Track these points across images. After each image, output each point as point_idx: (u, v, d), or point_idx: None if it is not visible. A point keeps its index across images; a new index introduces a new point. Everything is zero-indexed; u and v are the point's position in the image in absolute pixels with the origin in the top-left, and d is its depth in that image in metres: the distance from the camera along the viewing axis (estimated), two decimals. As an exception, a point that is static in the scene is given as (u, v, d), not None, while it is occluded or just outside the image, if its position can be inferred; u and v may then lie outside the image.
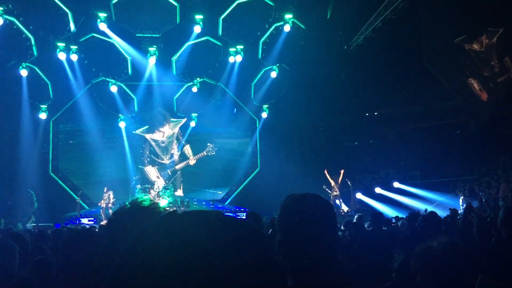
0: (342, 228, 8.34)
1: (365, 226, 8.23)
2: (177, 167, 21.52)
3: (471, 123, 20.85)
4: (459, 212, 11.89)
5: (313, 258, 1.67)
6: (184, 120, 21.76)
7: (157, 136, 21.66)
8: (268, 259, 0.70)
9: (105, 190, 17.87)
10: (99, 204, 17.88)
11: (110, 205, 17.24)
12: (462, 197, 17.17)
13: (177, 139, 21.96)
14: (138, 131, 21.32)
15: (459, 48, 19.14)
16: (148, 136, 21.60)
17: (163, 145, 21.74)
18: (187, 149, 21.92)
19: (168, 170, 21.29)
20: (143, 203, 1.66)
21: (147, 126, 21.47)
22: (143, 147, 21.59)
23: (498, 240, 5.29)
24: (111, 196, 17.56)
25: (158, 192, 17.68)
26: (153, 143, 21.70)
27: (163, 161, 21.67)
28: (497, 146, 18.98)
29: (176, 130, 21.95)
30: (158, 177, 20.32)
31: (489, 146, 19.23)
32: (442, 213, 9.63)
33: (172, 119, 21.78)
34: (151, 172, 21.16)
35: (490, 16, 17.78)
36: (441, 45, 19.95)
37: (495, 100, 18.73)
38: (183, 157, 21.82)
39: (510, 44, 17.81)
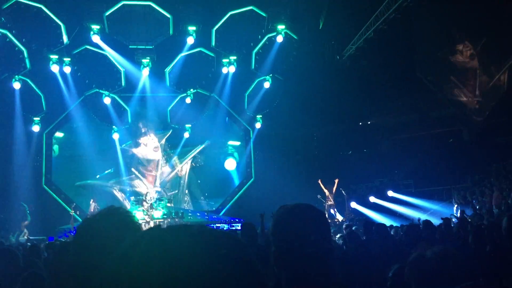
0: (337, 237, 8.34)
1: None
2: (167, 178, 21.62)
3: (464, 131, 20.96)
4: (453, 220, 11.91)
5: (308, 268, 1.68)
6: (169, 132, 21.91)
7: (142, 149, 21.82)
8: (250, 270, 0.71)
9: (91, 202, 17.75)
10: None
11: None
12: (456, 205, 17.22)
13: (165, 150, 22.10)
14: (123, 146, 21.45)
15: (445, 59, 19.33)
16: (134, 150, 21.76)
17: (149, 157, 21.87)
18: (175, 161, 22.08)
19: (157, 181, 21.45)
20: (116, 210, 1.64)
21: (130, 141, 21.65)
22: (130, 161, 21.74)
23: (494, 247, 5.31)
24: (96, 208, 17.43)
25: (152, 203, 17.58)
26: (140, 156, 21.83)
27: (151, 173, 21.75)
28: (490, 154, 19.08)
29: (163, 142, 22.10)
30: (147, 190, 20.33)
31: (482, 154, 19.33)
32: (436, 222, 9.66)
33: (157, 132, 21.93)
34: (140, 185, 21.26)
35: (479, 26, 17.97)
36: (433, 54, 20.13)
37: (485, 109, 18.86)
38: (172, 168, 22.06)
39: (494, 52, 17.99)
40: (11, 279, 3.73)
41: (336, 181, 18.66)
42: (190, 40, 19.12)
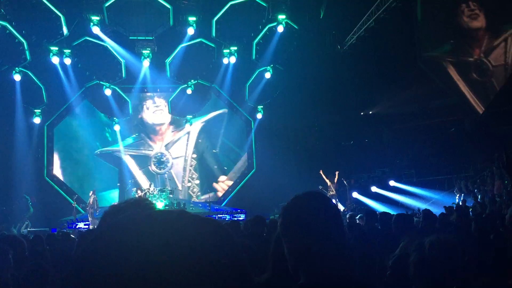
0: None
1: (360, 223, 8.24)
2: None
3: (466, 120, 20.91)
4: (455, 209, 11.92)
5: (323, 255, 1.64)
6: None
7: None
8: (233, 254, 0.69)
9: (90, 194, 17.79)
10: (87, 209, 17.77)
11: (91, 210, 17.08)
12: (458, 195, 17.23)
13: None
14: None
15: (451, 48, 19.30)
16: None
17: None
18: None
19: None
20: (142, 201, 1.67)
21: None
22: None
23: (498, 236, 5.31)
24: (95, 199, 17.45)
25: (154, 194, 17.63)
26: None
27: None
28: (491, 143, 19.03)
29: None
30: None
31: (484, 143, 19.29)
32: (438, 211, 9.66)
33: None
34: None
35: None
36: (434, 43, 20.03)
37: (487, 98, 18.82)
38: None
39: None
40: (16, 266, 3.76)
41: (337, 173, 18.63)
42: (191, 31, 19.03)
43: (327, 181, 18.59)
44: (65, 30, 18.34)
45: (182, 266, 0.64)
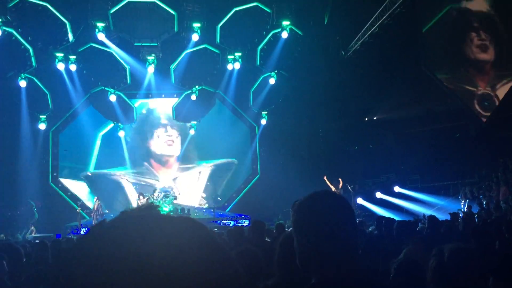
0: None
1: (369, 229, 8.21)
2: (180, 174, 21.76)
3: (471, 126, 20.85)
4: (460, 216, 11.86)
5: (336, 254, 1.63)
6: (189, 126, 21.74)
7: (155, 141, 22.03)
8: (212, 249, 0.69)
9: (95, 199, 17.83)
10: (91, 214, 17.86)
11: (97, 216, 17.17)
12: (463, 201, 17.14)
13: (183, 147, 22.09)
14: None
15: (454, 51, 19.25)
16: (149, 142, 21.89)
17: (163, 152, 21.98)
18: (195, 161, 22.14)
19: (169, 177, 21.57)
20: (154, 207, 1.67)
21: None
22: (141, 154, 21.75)
23: (504, 243, 5.27)
24: (100, 206, 17.54)
25: (158, 200, 17.64)
26: (153, 149, 22.00)
27: (163, 168, 21.90)
28: (496, 148, 18.96)
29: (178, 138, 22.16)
30: (157, 185, 20.43)
31: (489, 149, 19.22)
32: (443, 217, 9.61)
33: (175, 125, 21.99)
34: (150, 178, 21.44)
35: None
36: (439, 48, 20.03)
37: (492, 104, 18.76)
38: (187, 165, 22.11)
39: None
40: (13, 273, 3.77)
41: (340, 180, 18.52)
42: (195, 37, 19.12)
43: (332, 186, 18.50)
44: (70, 37, 18.46)
45: (158, 264, 0.62)
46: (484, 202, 15.84)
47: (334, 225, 1.65)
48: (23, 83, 18.28)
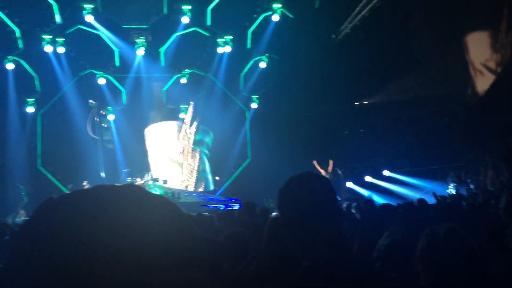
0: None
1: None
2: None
3: (459, 110, 21.00)
4: (448, 200, 12.01)
5: (320, 235, 1.64)
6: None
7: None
8: (179, 226, 0.68)
9: (84, 184, 17.68)
10: None
11: None
12: (451, 185, 17.34)
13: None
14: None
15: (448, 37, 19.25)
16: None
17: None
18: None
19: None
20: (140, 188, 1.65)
21: None
22: None
23: (491, 225, 5.35)
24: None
25: (148, 183, 17.60)
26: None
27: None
28: (484, 133, 19.14)
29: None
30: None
31: (477, 133, 19.40)
32: (430, 200, 9.72)
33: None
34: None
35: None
36: (429, 32, 20.03)
37: (481, 88, 18.87)
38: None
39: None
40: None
41: (331, 161, 18.66)
42: (185, 20, 18.90)
43: (322, 171, 18.62)
44: (57, 18, 18.15)
45: (128, 243, 0.62)
46: (472, 186, 16.04)
47: (314, 208, 1.66)
48: (10, 66, 17.99)
